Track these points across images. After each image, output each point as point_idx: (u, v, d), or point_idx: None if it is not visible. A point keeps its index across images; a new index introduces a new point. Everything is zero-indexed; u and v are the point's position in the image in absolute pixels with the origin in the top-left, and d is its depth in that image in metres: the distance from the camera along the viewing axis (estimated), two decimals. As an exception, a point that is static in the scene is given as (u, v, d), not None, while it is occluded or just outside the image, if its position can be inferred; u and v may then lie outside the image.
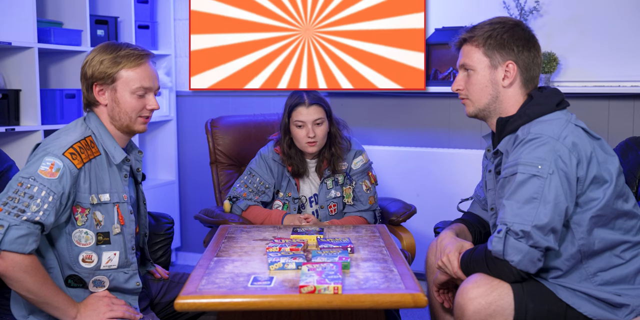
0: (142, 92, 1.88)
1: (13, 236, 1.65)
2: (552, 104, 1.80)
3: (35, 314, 1.81)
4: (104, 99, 1.88)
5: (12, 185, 1.72)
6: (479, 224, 2.07)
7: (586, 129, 1.79)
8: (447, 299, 1.96)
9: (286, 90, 3.45)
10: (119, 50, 1.86)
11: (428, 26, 3.32)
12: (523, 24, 1.88)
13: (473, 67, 1.86)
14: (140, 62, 1.87)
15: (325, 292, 1.58)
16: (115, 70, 1.85)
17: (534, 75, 1.86)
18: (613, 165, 1.76)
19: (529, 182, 1.67)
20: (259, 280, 1.67)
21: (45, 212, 1.69)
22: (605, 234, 1.74)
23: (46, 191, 1.70)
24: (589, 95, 3.11)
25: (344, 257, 1.82)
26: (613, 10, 3.11)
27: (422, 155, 3.39)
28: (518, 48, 1.83)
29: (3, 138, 3.06)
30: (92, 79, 1.86)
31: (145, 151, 3.96)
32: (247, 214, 2.56)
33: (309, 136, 2.48)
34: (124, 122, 1.89)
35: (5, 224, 1.65)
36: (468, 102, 1.90)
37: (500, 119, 1.85)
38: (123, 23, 3.54)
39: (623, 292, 1.72)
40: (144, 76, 1.88)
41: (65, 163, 1.75)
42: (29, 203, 1.68)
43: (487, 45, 1.83)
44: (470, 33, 1.87)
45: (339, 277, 1.63)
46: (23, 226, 1.66)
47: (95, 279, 1.84)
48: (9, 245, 1.64)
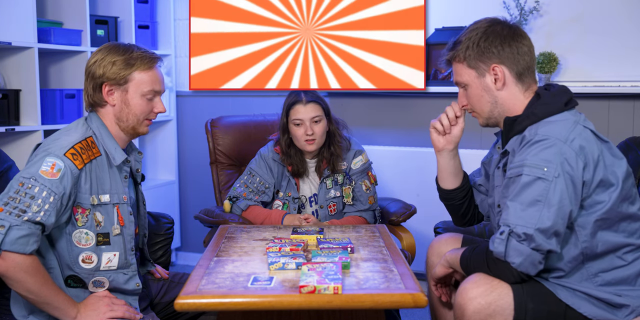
0: (152, 95, 1.90)
1: (14, 236, 1.64)
2: (560, 104, 1.78)
3: (36, 314, 1.81)
4: (112, 99, 1.88)
5: (13, 185, 1.71)
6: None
7: (594, 130, 1.77)
8: (444, 292, 1.96)
9: (286, 90, 3.45)
10: (131, 52, 1.87)
11: (428, 26, 3.32)
12: (497, 20, 1.85)
13: (466, 83, 1.86)
14: (152, 65, 1.89)
15: (325, 292, 1.58)
16: (129, 71, 1.86)
17: (526, 65, 1.83)
18: (620, 168, 1.74)
19: (534, 184, 1.66)
20: (259, 280, 1.67)
21: (46, 213, 1.69)
22: (609, 237, 1.72)
23: (47, 191, 1.70)
24: (589, 95, 3.11)
25: (344, 257, 1.82)
26: (613, 10, 3.11)
27: (422, 155, 3.39)
28: (497, 48, 1.80)
29: (3, 138, 3.06)
30: (103, 78, 1.86)
31: (145, 151, 3.96)
32: (247, 214, 2.56)
33: (307, 134, 2.48)
34: (131, 124, 1.89)
35: (6, 224, 1.65)
36: (476, 114, 1.90)
37: (507, 119, 1.83)
38: (123, 23, 3.54)
39: (623, 292, 1.71)
40: (155, 80, 1.89)
41: (67, 163, 1.75)
42: (30, 203, 1.68)
43: (468, 58, 1.82)
44: (451, 51, 1.87)
45: (339, 277, 1.63)
46: (24, 226, 1.66)
47: (95, 279, 1.84)
48: (10, 246, 1.64)
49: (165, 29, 3.85)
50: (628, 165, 1.77)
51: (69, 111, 3.16)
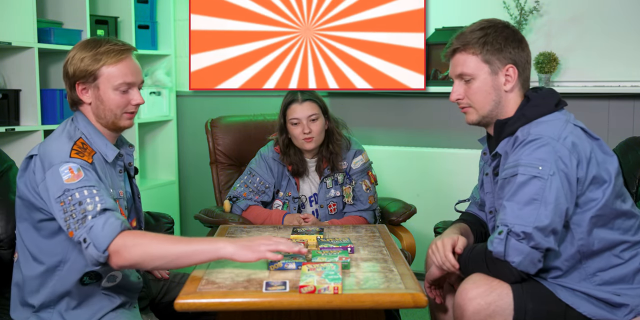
0: (125, 87, 1.84)
1: (98, 234, 1.62)
2: (550, 105, 1.79)
3: (36, 314, 1.81)
4: (87, 97, 1.85)
5: (57, 210, 1.69)
6: (478, 224, 2.06)
7: (585, 128, 1.79)
8: (438, 294, 1.96)
9: (287, 90, 3.45)
10: (99, 47, 1.82)
11: (428, 26, 3.32)
12: (511, 24, 1.86)
13: (473, 76, 1.82)
14: (121, 57, 1.83)
15: (326, 292, 1.58)
16: (97, 67, 1.81)
17: (528, 75, 1.86)
18: (612, 165, 1.76)
19: (529, 183, 1.66)
20: (272, 284, 1.64)
21: (101, 200, 1.67)
22: (605, 234, 1.74)
23: (86, 189, 1.68)
24: (589, 95, 3.11)
25: (344, 257, 1.81)
26: (613, 10, 3.11)
27: (422, 155, 3.39)
28: (514, 50, 1.81)
29: (3, 138, 3.06)
30: (74, 77, 1.83)
31: (145, 151, 3.96)
32: (247, 214, 2.56)
33: (304, 132, 2.48)
34: (110, 120, 1.86)
35: (82, 237, 1.63)
36: (471, 110, 1.86)
37: (498, 121, 1.84)
38: (123, 23, 3.55)
39: (622, 291, 1.72)
40: (125, 72, 1.83)
41: (78, 162, 1.74)
42: (83, 208, 1.66)
43: (485, 52, 1.80)
44: (461, 41, 1.82)
45: (339, 277, 1.63)
46: (99, 219, 1.64)
47: (110, 273, 1.84)
48: (104, 242, 1.62)
49: (165, 29, 3.85)
50: (619, 163, 1.79)
51: (69, 111, 3.14)
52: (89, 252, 1.62)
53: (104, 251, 1.62)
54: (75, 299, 1.81)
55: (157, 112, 3.82)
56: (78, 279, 1.80)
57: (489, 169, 1.90)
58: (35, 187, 1.76)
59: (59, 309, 1.80)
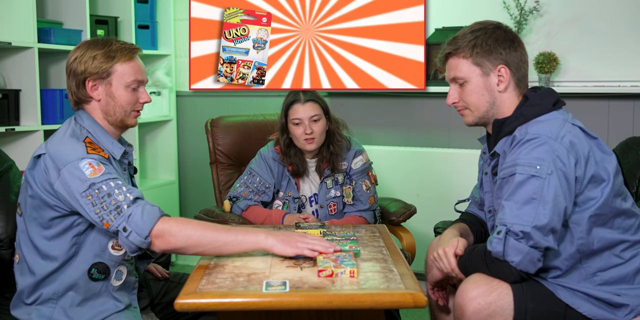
0: (136, 85, 1.89)
1: (138, 220, 1.68)
2: (548, 105, 1.80)
3: (37, 307, 1.81)
4: (97, 94, 1.87)
5: (84, 204, 1.71)
6: (478, 224, 2.07)
7: (583, 128, 1.79)
8: (441, 296, 1.96)
9: (287, 90, 3.45)
10: (110, 45, 1.87)
11: (428, 26, 3.32)
12: (503, 25, 1.87)
13: (465, 79, 1.84)
14: (133, 56, 1.89)
15: (343, 275, 1.65)
16: (110, 64, 1.85)
17: (525, 73, 1.86)
18: (610, 164, 1.76)
19: (528, 182, 1.67)
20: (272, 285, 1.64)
21: (129, 190, 1.72)
22: (604, 233, 1.74)
23: (111, 181, 1.72)
24: (589, 95, 3.11)
25: (353, 246, 1.88)
26: (613, 10, 3.11)
27: (422, 155, 3.39)
28: (505, 50, 1.81)
29: (3, 138, 3.06)
30: (85, 74, 1.85)
31: (145, 151, 3.96)
32: (248, 214, 2.56)
33: (306, 133, 2.48)
34: (119, 117, 1.89)
35: (121, 225, 1.69)
36: (467, 111, 1.88)
37: (496, 121, 1.84)
38: (123, 23, 3.55)
39: (622, 291, 1.72)
40: (137, 70, 1.89)
41: (96, 157, 1.76)
42: (114, 199, 1.70)
43: (475, 55, 1.82)
44: (453, 46, 1.85)
45: (353, 262, 1.70)
46: (136, 208, 1.69)
47: (118, 269, 1.85)
48: (145, 227, 1.69)
49: (165, 29, 3.85)
50: (617, 162, 1.79)
51: (69, 111, 3.16)
52: (131, 239, 1.69)
53: (146, 237, 1.69)
54: (80, 294, 1.81)
55: (157, 112, 3.82)
56: (86, 270, 1.81)
57: (488, 168, 1.90)
58: (47, 186, 1.76)
59: (62, 304, 1.80)
